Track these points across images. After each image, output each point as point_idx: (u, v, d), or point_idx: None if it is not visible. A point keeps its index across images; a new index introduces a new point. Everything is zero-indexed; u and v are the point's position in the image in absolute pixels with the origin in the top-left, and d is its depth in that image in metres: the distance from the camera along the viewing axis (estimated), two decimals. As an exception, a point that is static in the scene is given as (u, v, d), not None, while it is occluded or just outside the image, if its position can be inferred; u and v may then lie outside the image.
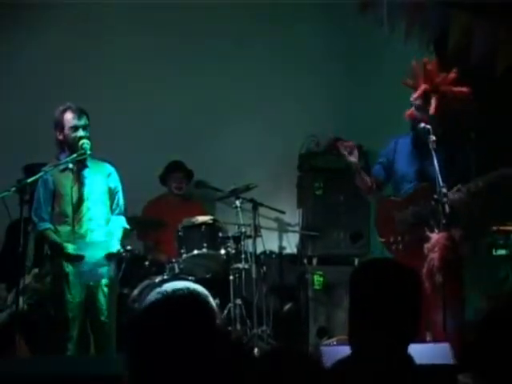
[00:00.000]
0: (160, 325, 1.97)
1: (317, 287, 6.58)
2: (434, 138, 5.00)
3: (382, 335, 2.35)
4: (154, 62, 7.13)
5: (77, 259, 4.94)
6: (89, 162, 5.09)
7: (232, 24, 7.24)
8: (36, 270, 5.81)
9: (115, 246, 5.08)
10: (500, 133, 6.50)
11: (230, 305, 6.09)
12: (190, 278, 5.98)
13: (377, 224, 5.55)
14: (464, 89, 5.26)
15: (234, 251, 6.19)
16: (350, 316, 2.42)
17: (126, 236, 5.30)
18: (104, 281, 5.06)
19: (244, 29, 7.27)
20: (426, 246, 4.90)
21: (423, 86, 5.18)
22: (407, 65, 5.32)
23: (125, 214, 5.34)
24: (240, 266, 6.17)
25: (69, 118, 5.00)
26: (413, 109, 5.22)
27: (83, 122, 5.01)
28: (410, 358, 2.40)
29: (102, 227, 5.11)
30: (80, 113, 5.01)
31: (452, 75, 5.25)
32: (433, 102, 5.12)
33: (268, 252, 6.83)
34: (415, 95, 5.19)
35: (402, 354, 2.37)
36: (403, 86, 5.48)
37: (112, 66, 7.03)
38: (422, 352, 2.48)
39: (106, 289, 5.05)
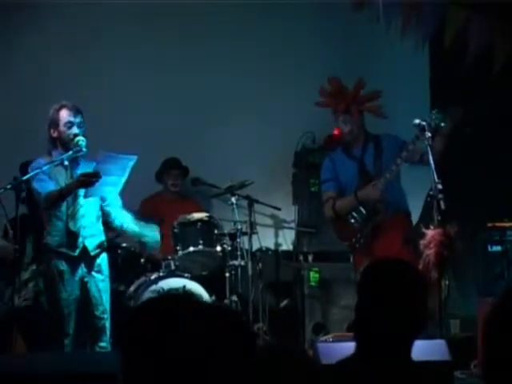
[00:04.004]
0: (153, 325, 1.96)
1: (313, 284, 6.59)
2: (429, 134, 5.05)
3: (389, 334, 2.36)
4: (154, 61, 7.14)
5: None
6: (80, 161, 5.09)
7: (231, 23, 7.25)
8: (34, 267, 5.81)
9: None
10: (496, 129, 6.53)
11: (226, 301, 6.10)
12: (185, 275, 5.99)
13: (336, 231, 5.80)
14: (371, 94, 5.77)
15: (229, 248, 6.19)
16: (357, 315, 2.43)
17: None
18: (99, 276, 5.07)
19: (243, 27, 7.29)
20: (422, 242, 4.94)
21: (343, 103, 5.65)
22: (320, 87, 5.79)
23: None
24: (236, 262, 6.18)
25: (64, 114, 5.01)
26: (340, 126, 5.76)
27: (78, 119, 5.01)
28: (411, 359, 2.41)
29: (94, 224, 5.12)
30: (76, 110, 5.02)
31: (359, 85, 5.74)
32: (354, 112, 5.62)
33: (264, 249, 6.83)
34: (341, 113, 5.67)
35: (406, 353, 2.39)
36: (400, 84, 5.65)
37: (111, 66, 7.03)
38: (418, 348, 2.49)
39: (100, 284, 5.06)
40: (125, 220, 5.25)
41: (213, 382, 1.76)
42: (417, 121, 5.17)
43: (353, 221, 5.54)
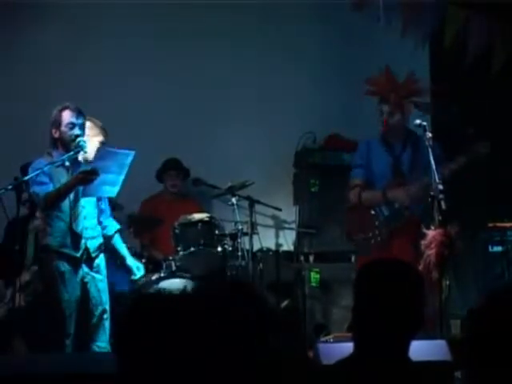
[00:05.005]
0: (147, 325, 1.96)
1: (313, 284, 6.59)
2: (430, 134, 5.05)
3: (386, 334, 2.36)
4: (153, 61, 7.14)
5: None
6: (81, 163, 5.10)
7: (231, 24, 7.25)
8: (35, 268, 5.80)
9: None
10: (497, 128, 6.53)
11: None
12: (186, 275, 5.98)
13: (351, 221, 5.72)
14: (423, 87, 5.64)
15: (230, 248, 6.18)
16: (355, 316, 2.43)
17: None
18: (98, 276, 5.08)
19: (243, 27, 7.29)
20: (423, 242, 4.94)
21: (393, 95, 5.46)
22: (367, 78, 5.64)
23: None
24: (237, 263, 6.17)
25: (67, 115, 5.03)
26: (385, 117, 5.50)
27: (80, 121, 5.04)
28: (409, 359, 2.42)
29: (95, 226, 5.16)
30: (78, 112, 5.04)
31: (411, 78, 5.62)
32: (404, 105, 5.46)
33: (265, 249, 6.82)
34: (390, 103, 5.47)
35: (404, 353, 2.39)
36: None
37: (111, 66, 7.03)
38: (419, 348, 2.49)
39: (100, 284, 5.07)
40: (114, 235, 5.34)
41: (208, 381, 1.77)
42: (417, 121, 5.18)
43: (375, 216, 5.47)
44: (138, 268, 5.34)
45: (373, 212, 5.48)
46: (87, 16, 7.06)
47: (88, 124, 5.32)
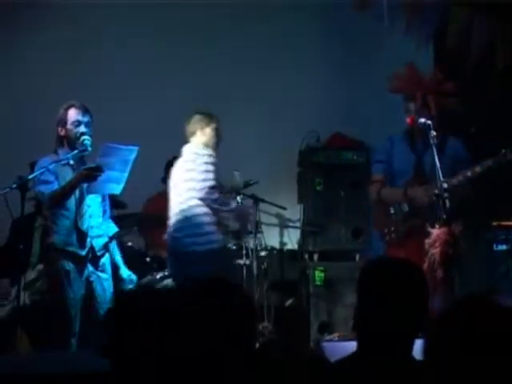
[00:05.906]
0: (133, 323, 1.96)
1: (318, 283, 6.59)
2: (434, 133, 5.03)
3: (390, 333, 2.36)
4: (154, 61, 7.16)
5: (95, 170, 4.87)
6: (86, 161, 5.11)
7: (232, 23, 7.26)
8: (41, 266, 5.82)
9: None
10: (499, 128, 6.53)
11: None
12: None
13: (373, 214, 5.64)
14: (449, 85, 5.43)
15: (234, 247, 6.19)
16: (358, 315, 2.44)
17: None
18: (103, 275, 5.08)
19: (244, 27, 7.30)
20: (427, 241, 4.93)
21: (420, 91, 5.31)
22: (393, 71, 5.50)
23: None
24: (241, 261, 6.18)
25: (72, 113, 5.04)
26: (413, 116, 5.31)
27: (86, 118, 5.05)
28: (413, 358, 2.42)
29: (100, 225, 5.16)
30: (84, 110, 5.06)
31: (437, 76, 5.48)
32: (431, 103, 5.28)
33: (269, 248, 6.83)
34: (417, 101, 5.30)
35: (407, 352, 2.39)
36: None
37: (112, 66, 7.05)
38: (417, 347, 2.49)
39: (105, 283, 5.08)
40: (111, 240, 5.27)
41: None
42: (422, 120, 5.16)
43: (393, 212, 5.36)
44: (130, 278, 5.28)
45: (391, 208, 5.39)
46: (87, 16, 7.08)
47: (198, 117, 5.48)
